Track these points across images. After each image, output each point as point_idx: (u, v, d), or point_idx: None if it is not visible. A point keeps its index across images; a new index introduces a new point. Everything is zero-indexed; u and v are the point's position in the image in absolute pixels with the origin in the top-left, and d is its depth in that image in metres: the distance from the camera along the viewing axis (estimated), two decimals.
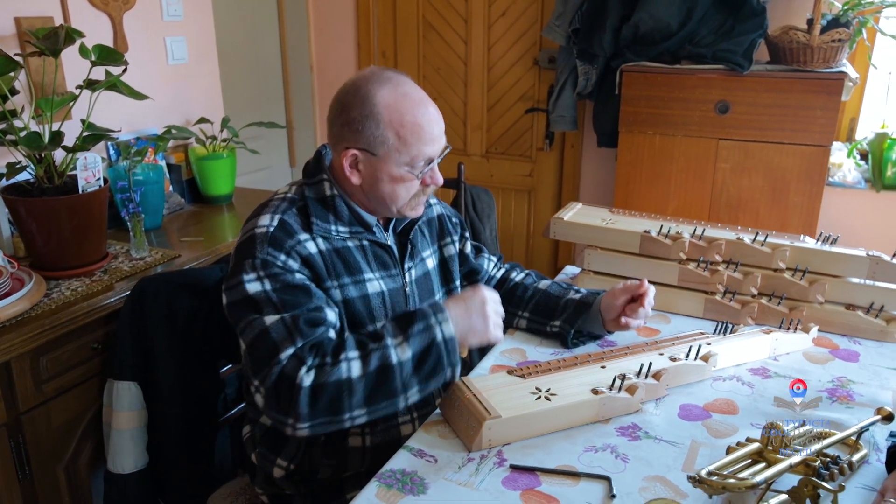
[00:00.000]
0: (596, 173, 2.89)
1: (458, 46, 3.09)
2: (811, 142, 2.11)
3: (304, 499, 1.30)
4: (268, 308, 1.15)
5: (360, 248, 1.27)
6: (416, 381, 1.12)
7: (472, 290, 1.20)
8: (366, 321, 1.25)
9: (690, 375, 1.28)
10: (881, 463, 1.04)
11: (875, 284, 1.45)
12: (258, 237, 1.18)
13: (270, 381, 1.10)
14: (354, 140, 1.21)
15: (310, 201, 1.24)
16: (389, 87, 1.20)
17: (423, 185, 1.24)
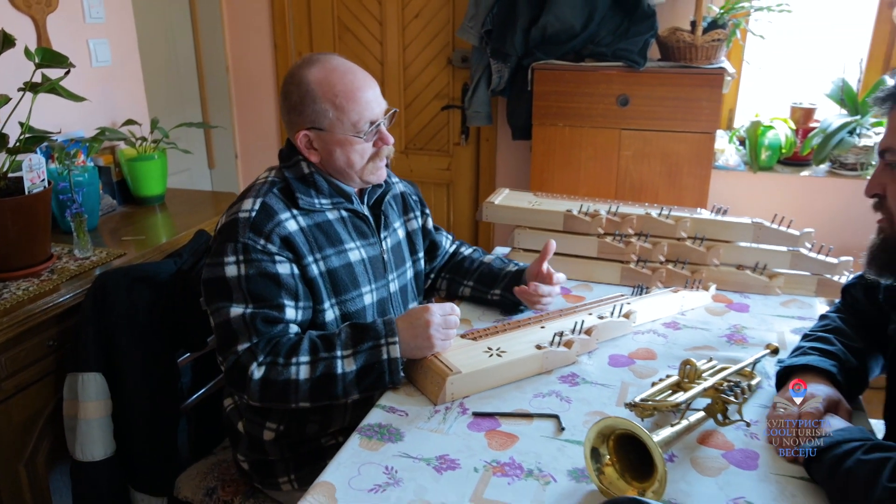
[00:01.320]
0: (511, 164, 3.09)
1: (373, 47, 3.21)
2: (699, 129, 2.39)
3: (286, 463, 1.41)
4: (237, 295, 1.28)
5: (340, 221, 1.40)
6: (357, 391, 1.26)
7: (422, 310, 1.29)
8: (349, 288, 1.38)
9: (615, 330, 1.49)
10: (772, 387, 1.27)
11: (759, 247, 1.71)
12: (241, 221, 1.29)
13: (227, 365, 1.27)
14: (301, 122, 1.35)
15: (291, 181, 1.36)
16: (318, 66, 1.34)
17: (375, 147, 1.38)
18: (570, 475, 1.06)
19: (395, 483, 1.05)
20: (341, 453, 1.12)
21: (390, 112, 1.41)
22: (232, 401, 1.49)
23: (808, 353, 1.23)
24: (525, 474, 1.06)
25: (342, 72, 1.34)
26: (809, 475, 1.04)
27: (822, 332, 1.28)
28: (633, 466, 1.02)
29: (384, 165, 1.42)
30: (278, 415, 1.39)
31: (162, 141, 2.32)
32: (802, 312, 1.60)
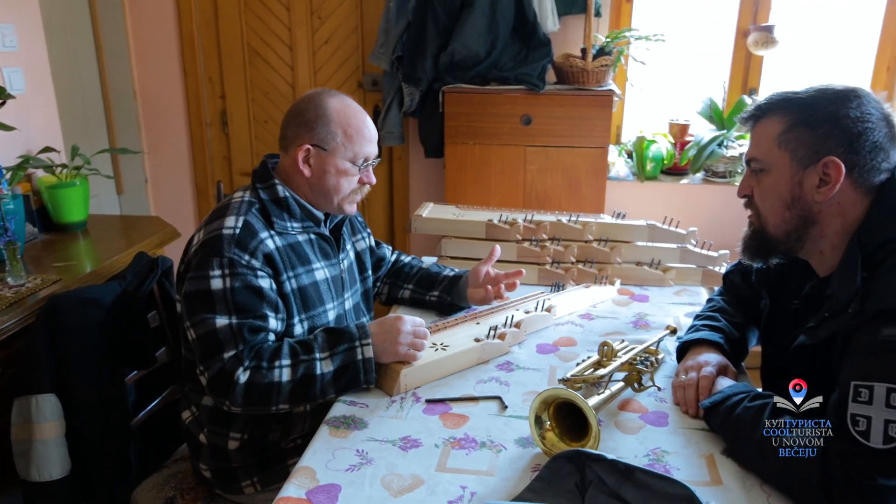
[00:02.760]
0: (424, 181, 3.27)
1: (284, 72, 3.32)
2: (593, 145, 2.67)
3: (248, 468, 1.50)
4: (221, 308, 1.37)
5: (308, 242, 1.52)
6: (334, 390, 1.38)
7: (395, 319, 1.42)
8: (316, 304, 1.51)
9: (540, 323, 1.69)
10: (674, 361, 1.50)
11: (653, 245, 1.97)
12: (225, 237, 1.39)
13: (213, 372, 1.35)
14: (308, 137, 1.47)
15: (266, 203, 1.47)
16: (337, 98, 1.50)
17: (360, 182, 1.52)
18: (518, 443, 1.24)
19: (367, 462, 1.18)
20: (314, 442, 1.24)
21: (377, 159, 1.57)
22: (190, 413, 1.56)
23: (700, 329, 1.47)
24: (479, 446, 1.23)
25: (357, 110, 1.51)
26: (708, 425, 1.26)
27: (709, 312, 1.53)
28: (570, 431, 1.21)
29: (358, 199, 1.57)
30: (241, 424, 1.48)
31: (83, 167, 2.32)
32: (692, 299, 1.87)
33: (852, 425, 0.99)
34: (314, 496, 1.09)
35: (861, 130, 1.12)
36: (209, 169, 3.44)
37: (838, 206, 1.16)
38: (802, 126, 1.15)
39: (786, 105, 1.18)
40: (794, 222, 1.19)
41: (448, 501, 1.09)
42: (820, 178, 1.15)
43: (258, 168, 1.55)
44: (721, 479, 1.13)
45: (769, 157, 1.19)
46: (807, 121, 1.15)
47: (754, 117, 1.23)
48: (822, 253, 1.22)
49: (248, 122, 3.40)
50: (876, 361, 1.01)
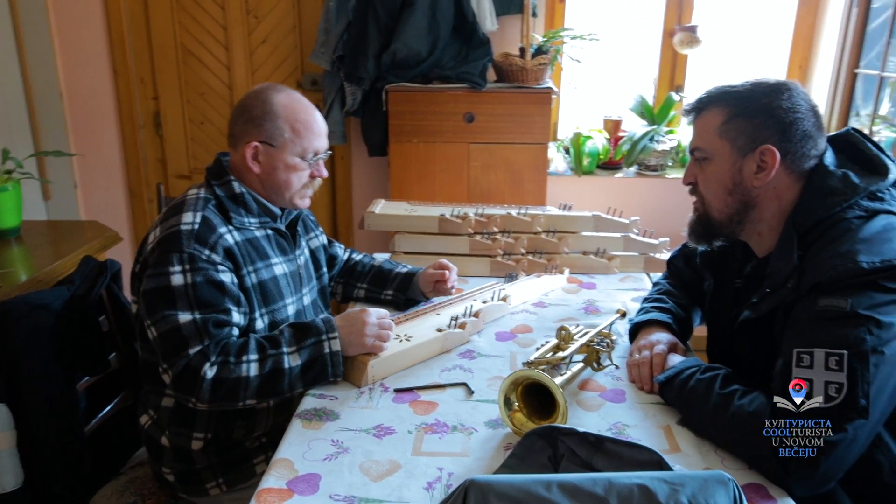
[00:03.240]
0: (367, 180, 3.28)
1: (220, 72, 3.26)
2: (534, 141, 2.75)
3: (213, 469, 1.49)
4: (182, 303, 1.36)
5: (266, 238, 1.52)
6: (302, 384, 1.38)
7: (360, 312, 1.44)
8: (276, 299, 1.51)
9: (497, 312, 1.74)
10: (626, 343, 1.58)
11: (598, 235, 2.06)
12: (184, 233, 1.37)
13: (178, 369, 1.33)
14: (256, 134, 1.47)
15: (223, 199, 1.46)
16: (284, 94, 1.50)
17: (311, 177, 1.52)
18: (488, 425, 1.29)
19: (343, 451, 1.20)
20: (288, 436, 1.25)
21: (328, 152, 1.57)
22: (149, 417, 1.54)
23: (650, 311, 1.56)
24: (451, 429, 1.27)
25: (305, 105, 1.51)
26: (663, 399, 1.35)
27: (657, 294, 1.62)
28: (537, 411, 1.27)
29: (310, 194, 1.57)
30: (204, 423, 1.47)
31: (15, 171, 2.23)
32: (636, 285, 1.97)
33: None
34: (295, 486, 1.11)
35: (792, 120, 1.22)
36: (143, 172, 3.35)
37: (774, 190, 1.26)
38: (740, 117, 1.24)
39: (725, 98, 1.27)
40: (735, 206, 1.29)
41: (427, 482, 1.12)
42: (757, 164, 1.25)
43: (212, 165, 1.54)
44: (679, 446, 1.21)
45: (711, 146, 1.28)
46: (744, 112, 1.24)
47: (696, 110, 1.32)
48: (761, 235, 1.32)
49: (184, 124, 3.32)
50: (815, 329, 1.11)
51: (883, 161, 1.25)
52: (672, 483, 0.92)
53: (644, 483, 0.92)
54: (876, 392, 1.06)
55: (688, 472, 0.95)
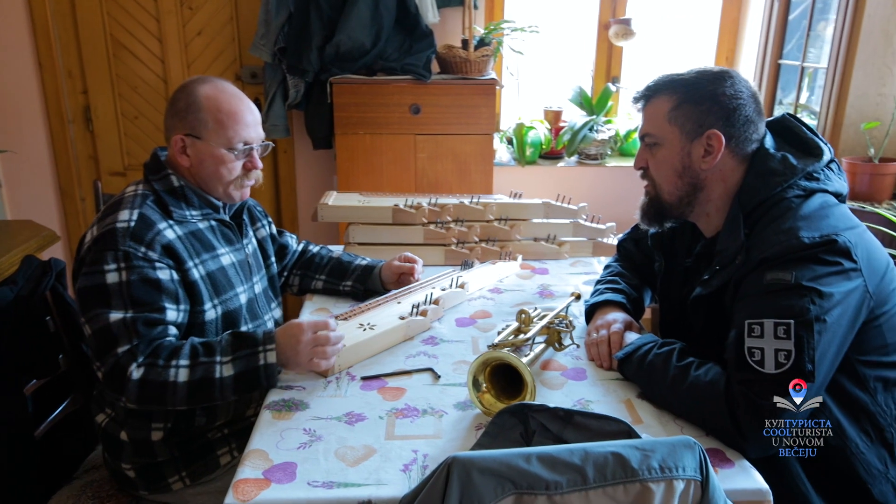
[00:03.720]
0: (311, 173, 3.25)
1: (154, 65, 3.16)
2: (480, 132, 2.79)
3: (175, 462, 1.46)
4: (116, 302, 1.33)
5: (210, 229, 1.50)
6: (234, 393, 1.35)
7: (295, 327, 1.35)
8: (227, 288, 1.49)
9: (455, 299, 1.77)
10: (583, 324, 1.64)
11: (549, 221, 2.12)
12: (119, 231, 1.34)
13: (107, 368, 1.32)
14: (181, 127, 1.45)
15: (161, 193, 1.42)
16: (210, 84, 1.47)
17: (244, 169, 1.50)
18: (457, 407, 1.31)
19: (317, 439, 1.21)
20: (259, 427, 1.24)
21: (265, 144, 1.54)
22: (105, 414, 1.50)
23: (604, 292, 1.62)
24: (422, 413, 1.29)
25: (230, 94, 1.48)
26: (623, 374, 1.40)
27: (609, 276, 1.69)
28: (504, 391, 1.31)
29: (249, 186, 1.55)
30: (163, 414, 1.44)
31: None
32: (586, 269, 2.03)
33: (749, 357, 1.16)
34: (272, 475, 1.11)
35: (735, 106, 1.30)
36: (74, 170, 3.22)
37: (720, 172, 1.33)
38: (688, 103, 1.31)
39: (672, 85, 1.34)
40: (685, 189, 1.36)
41: (404, 465, 1.14)
42: (704, 148, 1.32)
43: (149, 161, 1.52)
44: (641, 418, 1.27)
45: (661, 132, 1.34)
46: (691, 99, 1.31)
47: (645, 97, 1.38)
48: (709, 215, 1.39)
49: (116, 119, 3.21)
50: (763, 301, 1.19)
51: (817, 143, 1.34)
52: (643, 450, 0.97)
53: (618, 451, 0.97)
54: (820, 357, 1.14)
55: (657, 439, 1.00)
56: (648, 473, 0.95)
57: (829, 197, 1.29)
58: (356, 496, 1.06)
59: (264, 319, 1.64)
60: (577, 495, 0.95)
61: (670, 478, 0.96)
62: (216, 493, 1.50)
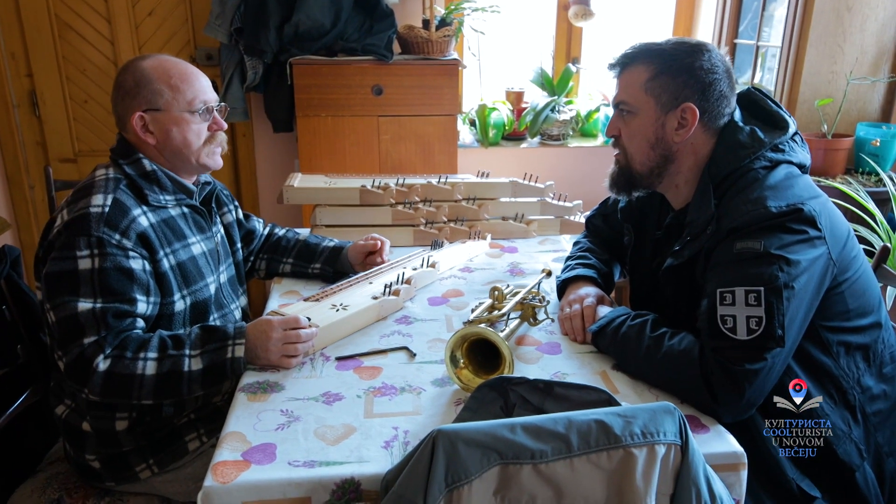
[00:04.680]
0: (271, 157, 3.19)
1: (103, 47, 3.05)
2: (443, 112, 2.77)
3: (142, 451, 1.43)
4: (86, 290, 1.28)
5: (182, 217, 1.46)
6: (201, 387, 1.33)
7: (266, 324, 1.33)
8: (197, 279, 1.46)
9: (427, 278, 1.76)
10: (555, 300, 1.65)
11: (516, 200, 2.12)
12: (93, 216, 1.29)
13: (70, 358, 1.28)
14: (136, 104, 1.41)
15: (134, 178, 1.37)
16: (152, 58, 1.44)
17: (210, 131, 1.46)
18: (434, 384, 1.31)
19: (295, 419, 1.19)
20: (234, 409, 1.22)
21: (222, 105, 1.50)
22: (65, 406, 1.45)
23: (575, 268, 1.63)
24: (400, 391, 1.28)
25: (175, 61, 1.44)
26: (597, 347, 1.42)
27: (580, 252, 1.70)
28: (482, 366, 1.31)
29: (219, 153, 1.50)
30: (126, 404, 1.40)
31: None
32: (555, 247, 2.05)
33: (722, 324, 1.18)
34: (251, 456, 1.09)
35: (711, 81, 1.31)
36: (21, 156, 3.09)
37: (692, 146, 1.35)
38: (665, 74, 1.32)
39: (650, 55, 1.34)
40: (656, 160, 1.37)
41: (385, 441, 1.13)
42: (678, 121, 1.33)
43: (116, 145, 1.47)
44: (617, 389, 1.29)
45: (637, 101, 1.35)
46: (668, 70, 1.32)
47: (622, 64, 1.38)
48: (678, 187, 1.41)
49: (65, 103, 3.09)
50: (734, 270, 1.21)
51: (783, 116, 1.37)
52: (625, 416, 0.99)
53: (600, 418, 0.98)
54: (789, 322, 1.17)
55: (637, 406, 1.02)
56: (631, 439, 0.97)
57: (793, 168, 1.32)
58: (339, 474, 1.05)
59: (231, 308, 1.60)
60: (562, 463, 0.96)
61: (652, 443, 0.97)
62: (186, 480, 1.47)
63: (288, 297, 1.69)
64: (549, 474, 0.95)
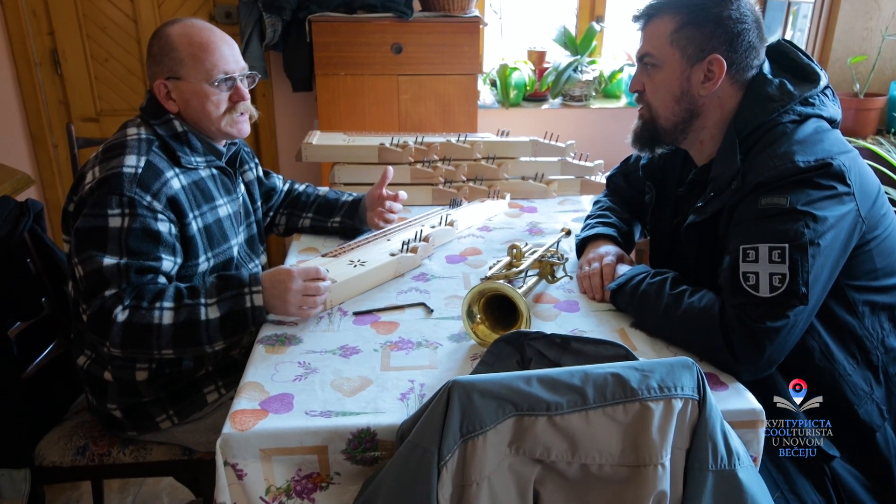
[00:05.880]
0: (290, 116, 3.18)
1: (123, 4, 3.03)
2: (464, 72, 2.73)
3: (162, 402, 1.45)
4: (112, 246, 1.30)
5: (211, 178, 1.48)
6: (221, 337, 1.32)
7: (285, 273, 1.31)
8: (221, 241, 1.47)
9: (445, 236, 1.75)
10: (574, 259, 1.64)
11: (536, 160, 2.09)
12: (126, 175, 1.31)
13: (92, 310, 1.29)
14: (160, 71, 1.40)
15: (166, 139, 1.39)
16: (180, 24, 1.42)
17: (231, 101, 1.45)
18: (451, 339, 1.31)
19: (312, 371, 1.20)
20: (253, 360, 1.23)
21: (251, 74, 1.49)
22: (86, 356, 1.47)
23: (595, 226, 1.61)
24: (416, 345, 1.29)
25: (201, 27, 1.42)
26: (615, 306, 1.41)
27: (600, 211, 1.68)
28: (499, 322, 1.30)
29: (244, 120, 1.49)
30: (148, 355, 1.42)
31: None
32: (574, 207, 2.02)
33: (744, 281, 1.16)
34: (269, 405, 1.10)
35: (739, 31, 1.27)
36: (45, 115, 3.11)
37: (718, 99, 1.31)
38: (691, 25, 1.27)
39: (676, 5, 1.29)
40: (681, 115, 1.33)
41: (401, 394, 1.14)
42: (705, 74, 1.29)
43: (147, 104, 1.47)
44: (635, 346, 1.28)
45: (662, 53, 1.31)
46: (695, 20, 1.27)
47: (647, 16, 1.34)
48: (702, 143, 1.38)
49: (86, 62, 3.09)
50: (759, 226, 1.19)
51: (814, 69, 1.32)
52: (642, 370, 0.98)
53: (617, 372, 0.97)
54: (813, 280, 1.15)
55: (655, 360, 1.01)
56: (648, 393, 0.96)
57: (822, 122, 1.28)
58: (355, 424, 1.06)
59: (249, 267, 1.61)
60: (577, 415, 0.96)
61: (669, 397, 0.97)
62: (206, 431, 1.50)
63: (306, 255, 1.70)
64: (563, 426, 0.95)
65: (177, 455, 1.52)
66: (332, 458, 1.07)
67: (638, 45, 1.36)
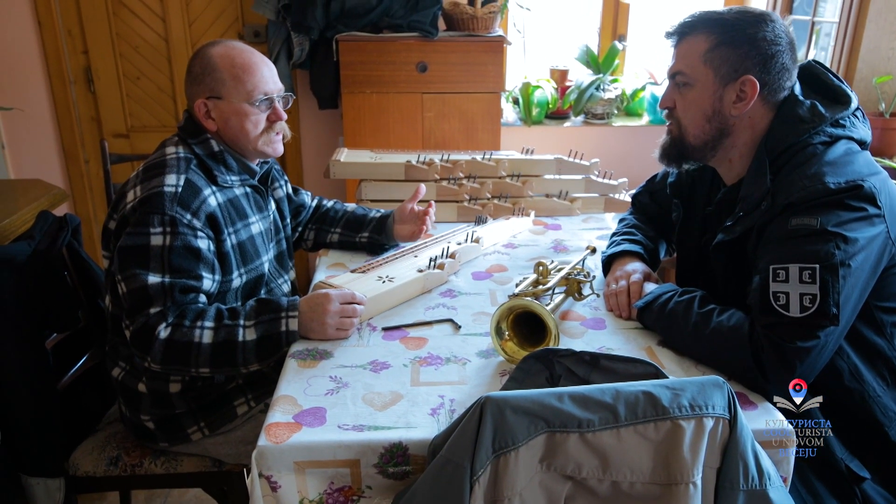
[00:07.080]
0: (316, 134, 3.23)
1: (155, 24, 3.11)
2: (487, 90, 2.76)
3: (193, 414, 1.48)
4: (155, 265, 1.34)
5: (245, 196, 1.52)
6: (256, 359, 1.35)
7: (323, 296, 1.36)
8: (254, 258, 1.51)
9: (471, 253, 1.77)
10: (599, 276, 1.65)
11: (561, 178, 2.11)
12: (167, 195, 1.35)
13: (136, 326, 1.32)
14: (201, 91, 1.45)
15: (203, 158, 1.44)
16: (221, 45, 1.47)
17: (269, 121, 1.49)
18: (479, 356, 1.33)
19: (344, 386, 1.22)
20: (285, 374, 1.26)
21: (286, 95, 1.53)
22: (121, 368, 1.51)
23: (622, 243, 1.62)
24: (445, 361, 1.30)
25: (241, 49, 1.47)
26: (643, 324, 1.41)
27: (626, 228, 1.69)
28: (527, 339, 1.32)
29: (279, 140, 1.53)
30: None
31: None
32: (599, 225, 2.03)
33: (774, 301, 1.16)
34: (302, 419, 1.12)
35: (773, 53, 1.28)
36: (77, 131, 3.18)
37: (749, 119, 1.32)
38: (726, 45, 1.28)
39: (711, 24, 1.30)
40: (711, 133, 1.34)
41: (431, 409, 1.15)
42: (737, 94, 1.30)
43: (185, 123, 1.51)
44: (663, 364, 1.28)
45: (695, 72, 1.32)
46: (730, 41, 1.28)
47: (680, 33, 1.35)
48: (731, 161, 1.39)
49: (118, 80, 3.16)
50: (789, 246, 1.19)
51: (844, 91, 1.33)
52: (673, 388, 0.99)
53: (648, 390, 0.98)
54: (844, 301, 1.15)
55: (686, 379, 1.01)
56: (679, 411, 0.97)
57: (853, 144, 1.28)
58: (387, 438, 1.08)
59: (278, 283, 1.64)
60: (608, 433, 0.96)
61: (700, 415, 0.97)
62: (236, 443, 1.52)
63: (334, 270, 1.72)
64: (595, 443, 0.96)
65: (206, 466, 1.54)
66: (364, 471, 1.08)
67: (670, 62, 1.37)
